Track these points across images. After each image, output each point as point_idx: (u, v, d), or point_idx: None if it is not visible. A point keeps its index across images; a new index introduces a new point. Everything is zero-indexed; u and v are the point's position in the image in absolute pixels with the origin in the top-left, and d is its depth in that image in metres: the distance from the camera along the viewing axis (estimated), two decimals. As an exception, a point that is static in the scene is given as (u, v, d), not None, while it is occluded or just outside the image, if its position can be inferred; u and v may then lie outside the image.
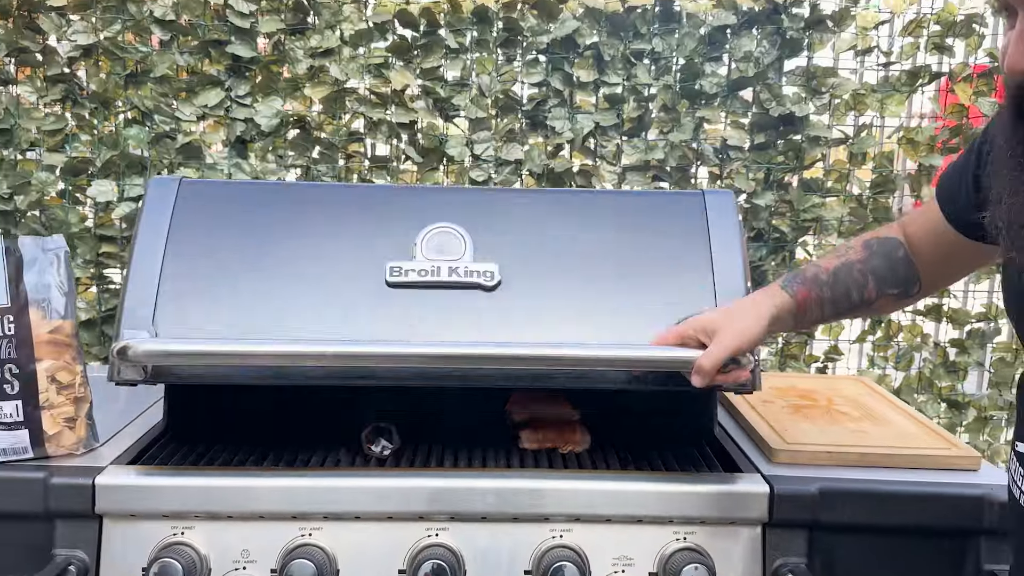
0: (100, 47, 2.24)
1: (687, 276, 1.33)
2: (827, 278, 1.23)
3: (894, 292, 1.25)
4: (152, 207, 1.34)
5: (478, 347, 1.21)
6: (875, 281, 1.24)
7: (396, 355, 1.21)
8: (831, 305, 1.24)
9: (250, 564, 1.26)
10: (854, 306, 1.25)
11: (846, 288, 1.23)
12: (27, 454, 1.29)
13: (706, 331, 1.17)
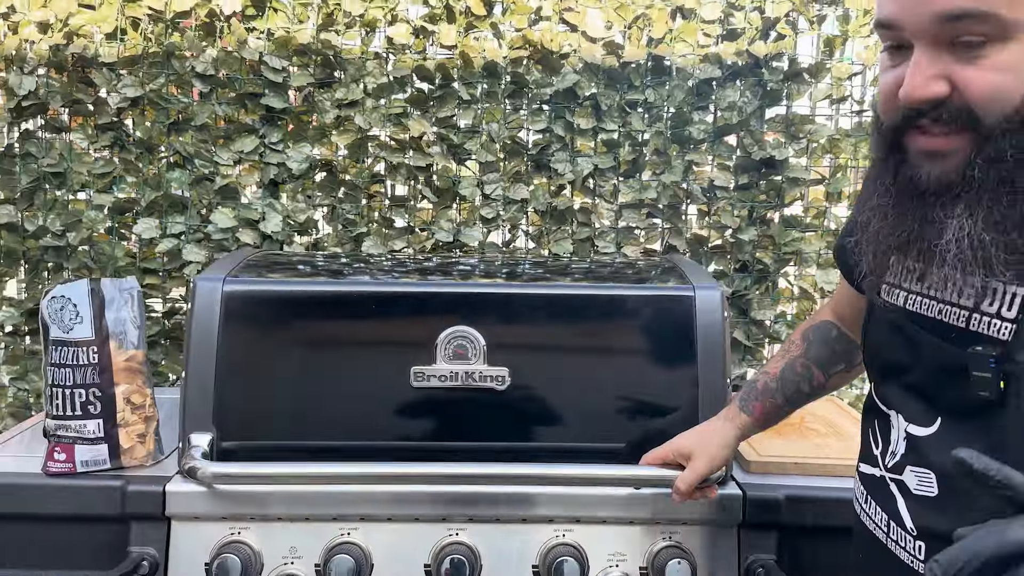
0: (146, 98, 2.35)
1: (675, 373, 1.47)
2: (776, 384, 1.32)
3: (840, 368, 1.32)
4: (201, 313, 1.45)
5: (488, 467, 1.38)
6: (818, 368, 1.31)
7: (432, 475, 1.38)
8: (788, 405, 1.34)
9: (297, 560, 1.42)
10: (809, 395, 1.34)
11: (795, 385, 1.32)
12: (106, 465, 1.47)
13: (682, 455, 1.33)
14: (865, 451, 1.09)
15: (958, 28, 0.80)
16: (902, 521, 0.97)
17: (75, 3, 2.34)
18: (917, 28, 0.82)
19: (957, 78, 0.82)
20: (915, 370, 0.97)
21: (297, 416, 1.47)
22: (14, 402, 2.51)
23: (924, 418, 0.95)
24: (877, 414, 1.06)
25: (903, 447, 0.98)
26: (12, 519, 1.46)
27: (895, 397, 1.01)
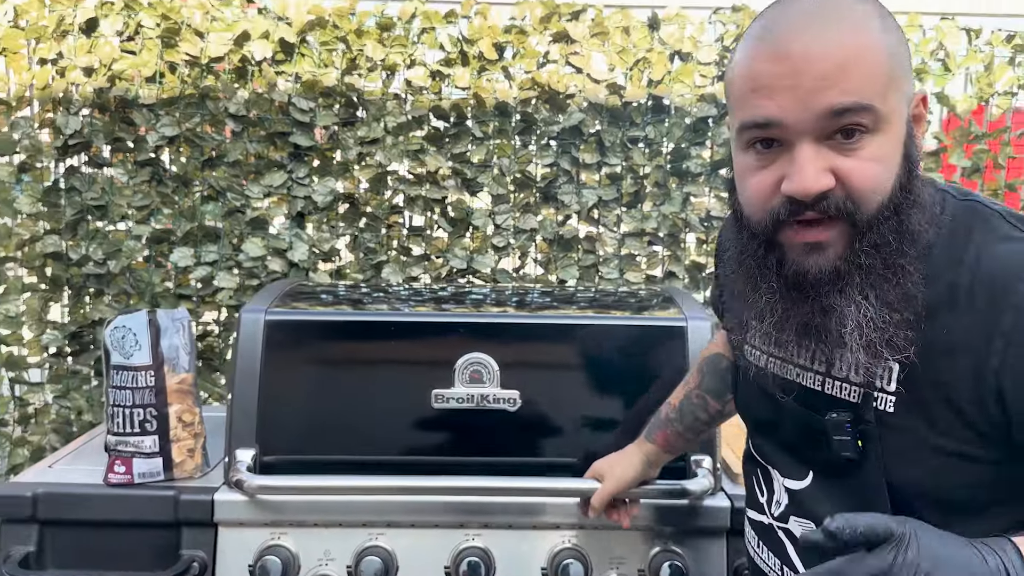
0: (182, 136, 2.52)
1: (668, 396, 1.53)
2: (675, 415, 1.40)
3: (732, 395, 1.33)
4: (245, 341, 1.60)
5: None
6: (712, 397, 1.36)
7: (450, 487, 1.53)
8: (689, 432, 1.40)
9: (331, 562, 1.56)
10: (707, 422, 1.40)
11: (693, 415, 1.38)
12: (160, 477, 1.64)
13: (597, 475, 1.45)
14: (751, 499, 1.13)
15: (841, 121, 0.81)
16: (794, 565, 1.01)
17: (118, 49, 2.54)
18: (803, 124, 0.82)
19: (839, 170, 0.83)
20: (783, 429, 1.02)
21: (331, 433, 1.63)
22: (56, 419, 2.69)
23: (797, 472, 1.00)
24: (757, 465, 1.10)
25: (785, 498, 1.03)
26: (76, 525, 1.61)
27: (770, 453, 1.06)
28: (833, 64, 0.80)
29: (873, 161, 0.83)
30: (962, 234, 0.88)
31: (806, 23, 0.83)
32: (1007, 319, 0.81)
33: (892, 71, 0.83)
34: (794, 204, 0.84)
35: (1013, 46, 2.58)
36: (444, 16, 2.52)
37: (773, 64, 0.83)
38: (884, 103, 0.82)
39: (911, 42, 2.56)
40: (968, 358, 0.83)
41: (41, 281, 2.64)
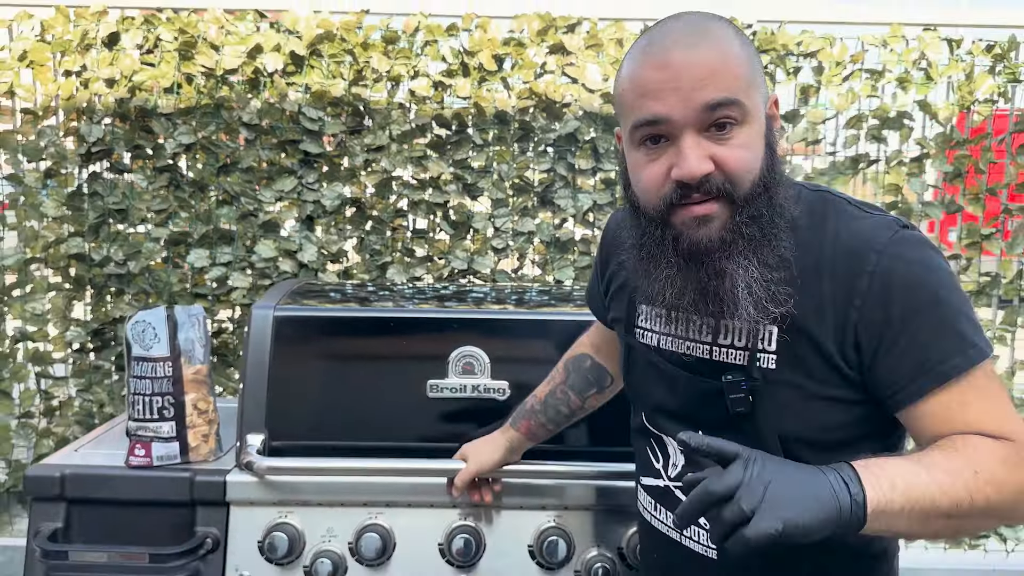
0: (198, 144, 2.66)
1: None
2: (540, 407, 1.52)
3: (593, 392, 1.50)
4: (255, 335, 1.72)
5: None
6: (574, 393, 1.50)
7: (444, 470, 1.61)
8: (550, 423, 1.53)
9: (333, 538, 1.66)
10: (568, 415, 1.53)
11: (556, 408, 1.51)
12: (177, 460, 1.76)
13: (463, 457, 1.57)
14: (645, 467, 1.25)
15: (716, 114, 0.96)
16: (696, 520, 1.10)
17: (138, 62, 2.68)
18: (686, 119, 0.96)
19: (717, 156, 0.97)
20: (677, 398, 1.15)
21: (334, 420, 1.76)
22: (80, 411, 2.83)
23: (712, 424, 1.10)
24: (650, 436, 1.22)
25: (682, 459, 1.16)
26: (100, 504, 1.73)
27: (664, 423, 1.18)
28: (706, 69, 0.97)
29: (743, 148, 0.98)
30: (819, 216, 1.05)
31: (681, 39, 0.99)
32: (863, 283, 0.99)
33: (751, 75, 1.00)
34: (683, 188, 0.99)
35: (993, 55, 2.68)
36: (446, 29, 2.64)
37: (658, 72, 0.98)
38: (748, 99, 0.98)
39: (894, 52, 2.66)
40: (834, 316, 1.00)
41: (65, 281, 2.78)
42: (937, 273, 1.00)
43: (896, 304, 0.98)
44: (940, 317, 0.98)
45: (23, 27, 2.70)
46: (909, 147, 2.74)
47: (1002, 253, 2.77)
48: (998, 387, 1.01)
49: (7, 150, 2.73)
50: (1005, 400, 1.01)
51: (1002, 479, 0.93)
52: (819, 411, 1.03)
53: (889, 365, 0.99)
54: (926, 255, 1.01)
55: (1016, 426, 0.98)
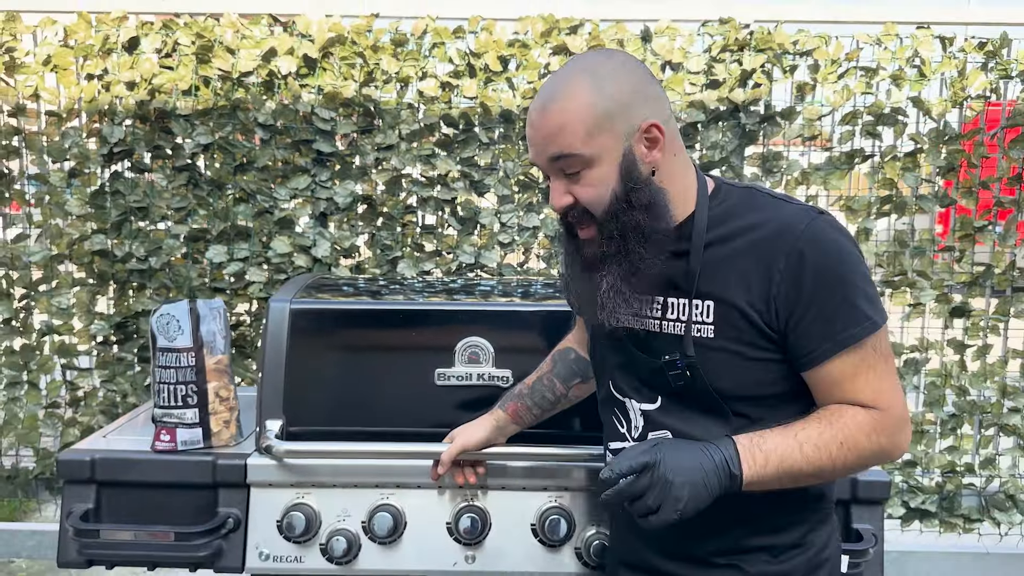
0: (216, 144, 2.75)
1: None
2: (528, 392, 1.62)
3: (577, 381, 1.62)
4: (273, 327, 1.79)
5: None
6: (560, 381, 1.62)
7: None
8: (536, 408, 1.63)
9: (348, 518, 1.74)
10: (554, 402, 1.63)
11: (541, 394, 1.62)
12: (200, 445, 1.85)
13: (451, 437, 1.63)
14: (611, 433, 1.43)
15: (561, 164, 1.19)
16: None
17: (157, 65, 2.78)
18: (543, 166, 1.22)
19: (572, 192, 1.21)
20: (635, 368, 1.34)
21: (347, 406, 1.84)
22: (104, 401, 2.95)
23: (650, 398, 1.33)
24: (615, 403, 1.39)
25: (641, 421, 1.34)
26: (128, 486, 1.82)
27: (628, 389, 1.36)
28: (548, 131, 1.19)
29: (590, 186, 1.20)
30: (746, 207, 1.24)
31: (539, 103, 1.21)
32: (780, 262, 1.18)
33: (597, 123, 1.18)
34: (560, 214, 1.25)
35: (984, 52, 2.74)
36: (453, 32, 2.73)
37: (529, 128, 1.23)
38: (588, 148, 1.18)
39: (888, 50, 2.73)
40: (759, 289, 1.19)
41: (89, 276, 2.88)
42: (843, 255, 1.18)
43: (807, 281, 1.16)
44: (843, 294, 1.17)
45: (47, 33, 2.79)
46: (903, 142, 2.80)
47: (995, 244, 2.84)
48: (884, 358, 1.21)
49: (33, 151, 2.83)
50: (887, 371, 1.21)
51: (862, 447, 1.19)
52: (754, 371, 1.22)
53: (799, 333, 1.18)
54: (836, 239, 1.19)
55: (887, 396, 1.20)
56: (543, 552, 1.76)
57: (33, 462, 2.97)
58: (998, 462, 2.96)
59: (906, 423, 1.23)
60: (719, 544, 1.31)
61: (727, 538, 1.31)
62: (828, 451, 1.18)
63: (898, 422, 1.21)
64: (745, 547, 1.30)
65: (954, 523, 2.93)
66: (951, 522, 2.93)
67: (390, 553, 1.77)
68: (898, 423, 1.21)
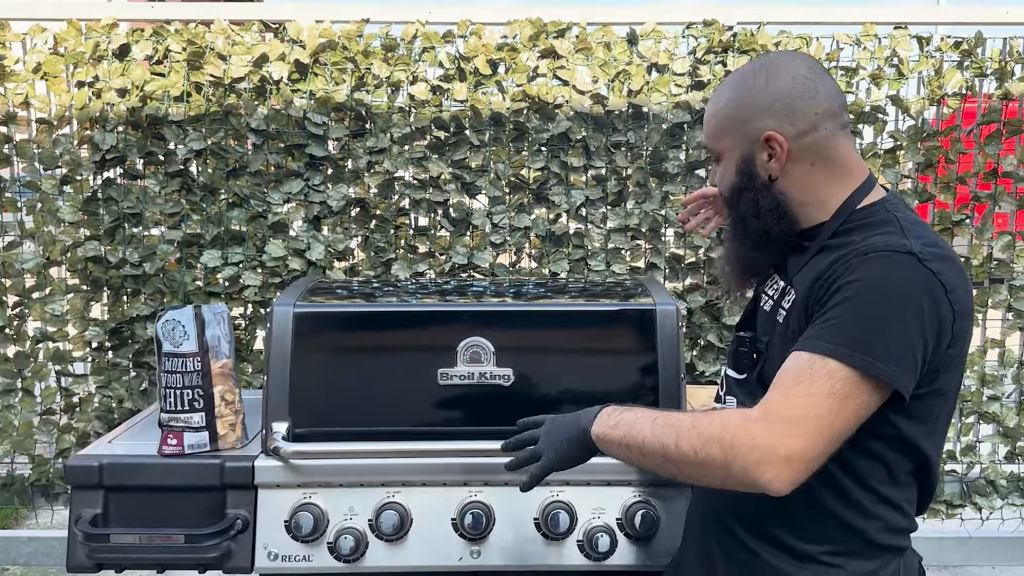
0: (208, 150, 2.76)
1: (641, 369, 1.86)
2: None
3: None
4: (278, 330, 1.85)
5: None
6: None
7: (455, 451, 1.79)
8: None
9: (355, 516, 1.80)
10: None
11: None
12: (207, 448, 1.89)
13: None
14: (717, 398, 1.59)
15: (709, 151, 1.48)
16: None
17: (148, 72, 2.79)
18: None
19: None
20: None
21: (352, 407, 1.90)
22: (99, 407, 2.96)
23: (736, 368, 1.49)
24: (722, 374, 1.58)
25: (724, 388, 1.53)
26: (136, 490, 1.86)
27: (728, 353, 1.57)
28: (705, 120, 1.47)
29: (720, 176, 1.46)
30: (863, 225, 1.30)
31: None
32: (838, 270, 1.23)
33: (723, 125, 1.41)
34: None
35: (960, 51, 2.82)
36: (443, 36, 2.77)
37: None
38: (716, 144, 1.44)
39: (867, 50, 2.80)
40: (816, 291, 1.27)
41: (83, 282, 2.89)
42: (884, 292, 1.17)
43: (837, 291, 1.21)
44: (848, 313, 1.17)
45: (37, 40, 2.80)
46: (883, 140, 2.88)
47: (972, 237, 2.93)
48: (818, 390, 1.14)
49: (24, 158, 2.84)
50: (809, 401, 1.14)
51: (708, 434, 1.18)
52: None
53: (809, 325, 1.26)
54: (892, 276, 1.17)
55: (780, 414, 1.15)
56: (546, 545, 1.83)
57: (29, 469, 2.98)
58: (978, 449, 3.05)
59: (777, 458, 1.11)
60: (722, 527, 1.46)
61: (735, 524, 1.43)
62: (675, 429, 1.23)
63: (768, 443, 1.12)
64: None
65: (937, 509, 3.02)
66: (934, 508, 3.01)
67: (397, 550, 1.83)
68: (767, 444, 1.12)
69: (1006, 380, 2.99)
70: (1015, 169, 2.89)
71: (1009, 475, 3.02)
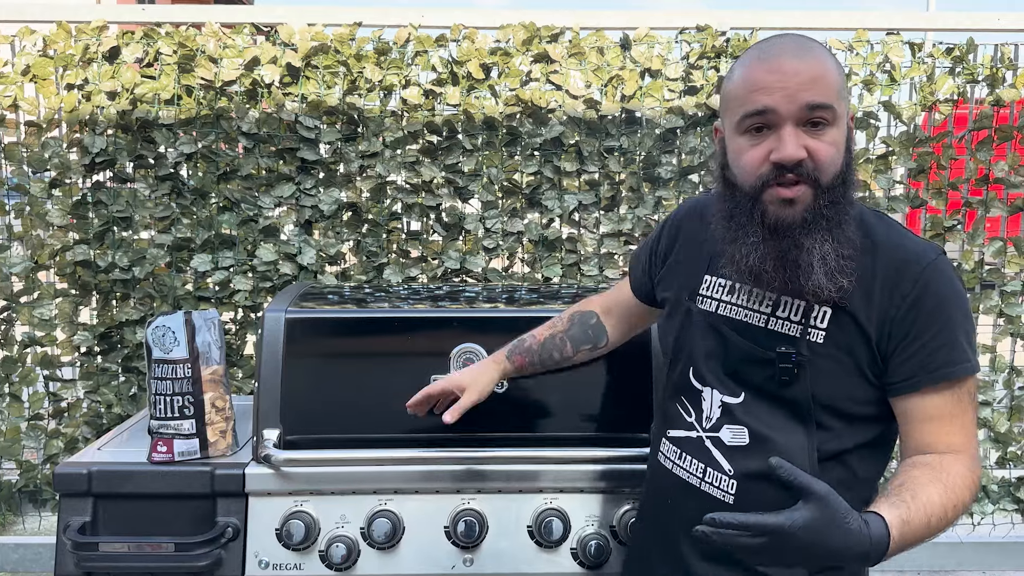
0: (199, 153, 2.75)
1: (634, 372, 1.81)
2: (537, 348, 1.67)
3: (587, 347, 1.68)
4: (269, 336, 1.81)
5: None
6: (571, 343, 1.66)
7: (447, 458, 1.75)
8: (540, 364, 1.68)
9: (346, 524, 1.76)
10: (559, 362, 1.68)
11: (550, 353, 1.67)
12: (197, 455, 1.85)
13: (459, 387, 1.64)
14: (674, 420, 1.42)
15: (815, 114, 1.15)
16: (720, 466, 1.31)
17: (138, 75, 2.77)
18: (789, 113, 1.15)
19: (810, 147, 1.16)
20: (726, 358, 1.33)
21: (344, 413, 1.87)
22: (88, 412, 2.93)
23: (733, 392, 1.31)
24: (688, 391, 1.39)
25: (718, 413, 1.34)
26: (126, 498, 1.82)
27: (711, 378, 1.34)
28: (810, 76, 1.16)
29: (831, 145, 1.17)
30: (875, 229, 1.24)
31: (791, 50, 1.20)
32: (907, 287, 1.19)
33: (841, 88, 1.19)
34: (778, 168, 1.17)
35: (952, 58, 2.83)
36: (435, 40, 2.76)
37: (769, 74, 1.18)
38: (838, 106, 1.17)
39: (859, 56, 2.81)
40: (879, 309, 1.20)
41: (72, 287, 2.87)
42: (961, 296, 1.22)
43: (925, 311, 1.18)
44: (952, 331, 1.19)
45: (26, 42, 2.78)
46: (875, 145, 2.88)
47: (963, 243, 2.93)
48: (974, 406, 1.23)
49: (12, 161, 2.81)
50: (972, 417, 1.22)
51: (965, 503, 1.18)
52: (849, 386, 1.22)
53: (902, 357, 1.19)
54: (955, 280, 1.23)
55: (973, 442, 1.22)
56: (540, 553, 1.80)
57: (16, 475, 2.95)
58: (970, 454, 3.05)
59: None
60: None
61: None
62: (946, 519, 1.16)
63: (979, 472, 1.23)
64: None
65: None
66: (926, 513, 3.01)
67: (389, 558, 1.80)
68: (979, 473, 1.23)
69: (997, 385, 3.00)
70: (1006, 175, 2.90)
71: (1000, 480, 3.03)
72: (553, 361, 1.68)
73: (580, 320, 1.68)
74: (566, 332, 1.67)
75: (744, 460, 1.28)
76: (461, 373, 1.71)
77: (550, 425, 1.87)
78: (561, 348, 1.67)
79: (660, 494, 1.47)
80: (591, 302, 1.71)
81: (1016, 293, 2.94)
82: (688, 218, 1.49)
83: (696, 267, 1.42)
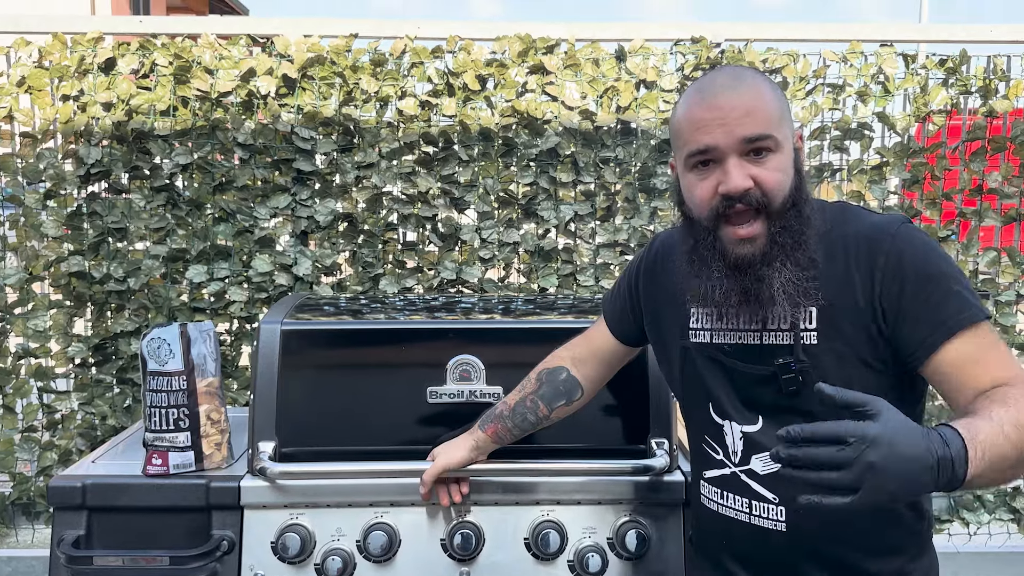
0: (195, 164, 2.74)
1: (630, 384, 1.80)
2: (508, 413, 1.64)
3: (561, 403, 1.62)
4: (265, 348, 1.80)
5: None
6: (544, 403, 1.62)
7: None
8: (516, 429, 1.65)
9: (343, 537, 1.76)
10: (535, 423, 1.64)
11: (523, 416, 1.63)
12: (192, 468, 1.85)
13: (433, 456, 1.69)
14: (705, 462, 1.40)
15: (755, 144, 1.18)
16: (763, 497, 1.30)
17: (134, 86, 2.77)
18: (730, 147, 1.17)
19: (755, 176, 1.18)
20: (736, 387, 1.32)
21: (340, 426, 1.86)
22: (82, 424, 2.92)
23: (751, 420, 1.31)
24: (710, 429, 1.37)
25: (742, 444, 1.32)
26: (120, 511, 1.81)
27: (730, 410, 1.33)
28: (744, 110, 1.18)
29: (776, 171, 1.20)
30: (840, 221, 1.26)
31: (726, 84, 1.21)
32: (880, 260, 1.20)
33: (780, 114, 1.22)
34: (727, 200, 1.19)
35: (945, 69, 2.85)
36: (431, 51, 2.76)
37: (708, 112, 1.20)
38: (779, 132, 1.20)
39: (853, 67, 2.82)
40: (861, 290, 1.20)
41: (66, 298, 2.86)
42: (938, 253, 1.21)
43: (909, 279, 1.18)
44: (946, 286, 1.18)
45: (21, 54, 2.78)
46: (869, 156, 2.90)
47: (958, 253, 2.95)
48: (998, 339, 1.21)
49: (7, 172, 2.80)
50: (1006, 351, 1.21)
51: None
52: (856, 376, 1.21)
53: (908, 329, 1.18)
54: (927, 240, 1.23)
55: (1019, 371, 1.17)
56: (537, 565, 1.79)
57: (10, 487, 2.93)
58: (965, 464, 3.05)
59: None
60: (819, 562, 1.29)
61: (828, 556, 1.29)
62: (1020, 432, 1.05)
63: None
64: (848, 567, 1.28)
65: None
66: (922, 523, 3.01)
67: (385, 571, 1.79)
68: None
69: (992, 395, 3.00)
70: (1000, 186, 2.92)
71: (996, 490, 3.03)
72: (529, 424, 1.65)
73: (548, 378, 1.64)
74: (536, 392, 1.64)
75: (786, 485, 1.22)
76: (439, 446, 1.74)
77: (546, 437, 1.87)
78: (534, 410, 1.64)
79: (714, 537, 1.45)
80: (558, 356, 1.67)
81: (1010, 303, 2.95)
82: (661, 255, 1.50)
83: (679, 302, 1.40)
